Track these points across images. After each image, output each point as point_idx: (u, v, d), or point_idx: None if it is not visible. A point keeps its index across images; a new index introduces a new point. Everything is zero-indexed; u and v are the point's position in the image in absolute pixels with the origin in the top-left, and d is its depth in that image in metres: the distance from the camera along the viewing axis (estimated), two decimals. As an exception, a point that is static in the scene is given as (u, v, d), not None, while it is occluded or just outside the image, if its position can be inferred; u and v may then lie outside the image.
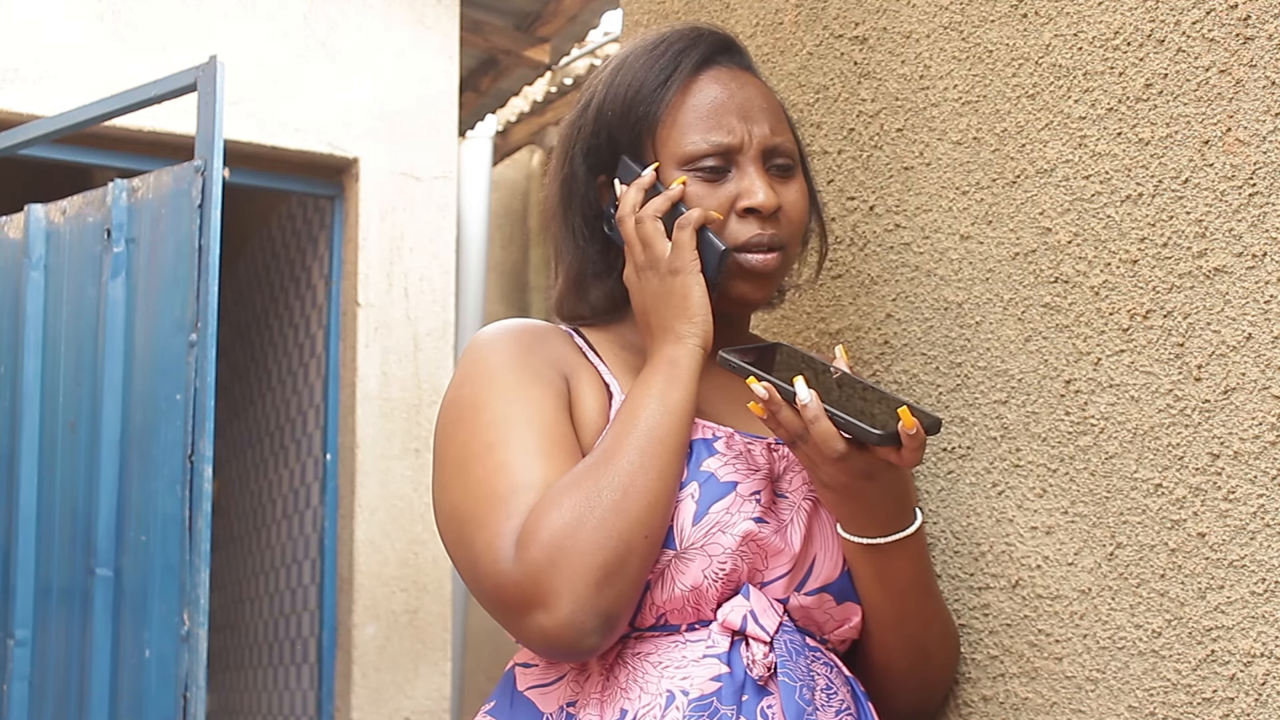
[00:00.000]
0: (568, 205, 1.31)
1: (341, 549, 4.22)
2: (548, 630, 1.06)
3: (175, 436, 2.64)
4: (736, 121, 1.24)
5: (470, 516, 1.12)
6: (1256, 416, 1.06)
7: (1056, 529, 1.22)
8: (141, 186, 2.84)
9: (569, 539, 1.06)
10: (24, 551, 2.87)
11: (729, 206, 1.23)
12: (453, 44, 4.45)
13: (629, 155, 1.27)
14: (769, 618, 1.15)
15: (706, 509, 1.15)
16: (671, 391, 1.16)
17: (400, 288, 4.27)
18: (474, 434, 1.16)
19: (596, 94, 1.30)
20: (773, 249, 1.24)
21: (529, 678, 1.20)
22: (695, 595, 1.14)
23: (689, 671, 1.12)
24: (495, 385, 1.18)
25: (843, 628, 1.22)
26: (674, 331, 1.20)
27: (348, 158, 4.23)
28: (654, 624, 1.15)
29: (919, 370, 1.37)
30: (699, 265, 1.20)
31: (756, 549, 1.16)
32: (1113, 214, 1.19)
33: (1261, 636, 1.05)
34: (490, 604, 1.11)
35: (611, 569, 1.07)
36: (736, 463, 1.19)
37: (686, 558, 1.14)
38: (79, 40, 3.81)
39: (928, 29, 1.38)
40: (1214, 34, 1.11)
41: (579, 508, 1.08)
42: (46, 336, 2.95)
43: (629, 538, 1.08)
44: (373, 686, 4.08)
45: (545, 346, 1.24)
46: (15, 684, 2.84)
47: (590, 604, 1.06)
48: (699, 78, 1.26)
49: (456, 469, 1.16)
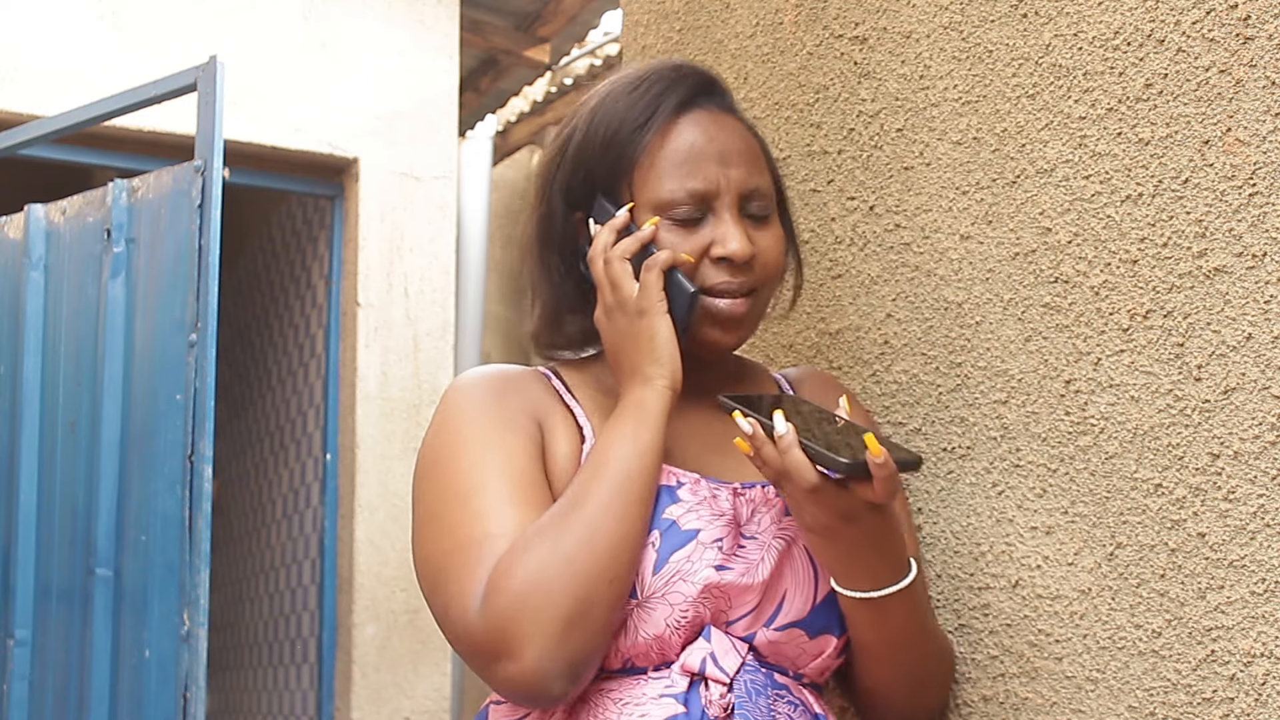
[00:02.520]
0: (545, 240, 1.31)
1: (341, 549, 4.22)
2: (515, 679, 1.07)
3: (175, 436, 2.64)
4: (714, 168, 1.23)
5: (442, 566, 1.14)
6: (1256, 416, 1.06)
7: (1056, 529, 1.22)
8: (141, 186, 2.83)
9: (533, 588, 1.07)
10: (24, 551, 2.87)
11: (702, 252, 1.23)
12: (453, 44, 4.45)
13: (605, 195, 1.26)
14: (730, 659, 1.15)
15: (667, 558, 1.15)
16: (640, 434, 1.16)
17: (400, 288, 4.27)
18: (448, 483, 1.17)
19: (576, 130, 1.29)
20: (743, 294, 1.23)
21: (500, 712, 1.21)
22: (659, 642, 1.15)
23: (647, 709, 1.12)
24: (468, 434, 1.19)
25: (818, 660, 1.21)
26: (642, 373, 1.20)
27: (348, 158, 4.23)
28: (620, 668, 1.16)
29: (919, 370, 1.37)
30: (665, 306, 1.20)
31: (719, 594, 1.16)
32: (1113, 214, 1.19)
33: (1261, 636, 1.05)
34: (462, 652, 1.13)
35: (575, 617, 1.07)
36: (700, 509, 1.18)
37: (649, 606, 1.14)
38: (79, 40, 3.81)
39: (928, 29, 1.38)
40: (1214, 34, 1.11)
41: (543, 556, 1.08)
42: (46, 336, 2.95)
43: (593, 584, 1.08)
44: (373, 686, 4.08)
45: (519, 393, 1.24)
46: (15, 684, 2.84)
47: (556, 652, 1.07)
48: (678, 121, 1.25)
49: (431, 518, 1.18)
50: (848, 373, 1.46)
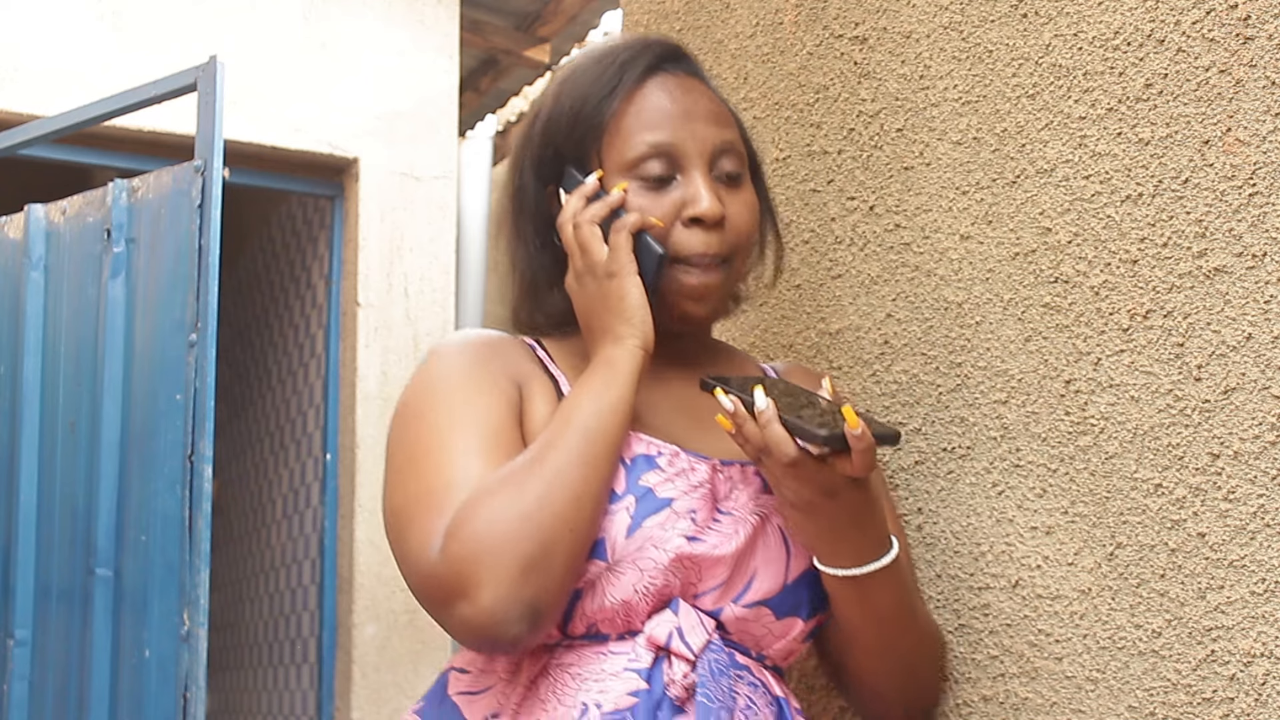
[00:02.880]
0: (519, 214, 1.32)
1: (341, 549, 4.22)
2: (469, 620, 1.07)
3: (175, 436, 2.64)
4: (681, 125, 1.23)
5: (406, 513, 1.14)
6: (1256, 416, 1.06)
7: (1056, 529, 1.22)
8: (141, 186, 2.84)
9: (493, 531, 1.07)
10: (24, 551, 2.87)
11: (674, 215, 1.22)
12: (453, 44, 4.45)
13: (574, 165, 1.26)
14: (696, 635, 1.14)
15: (640, 523, 1.14)
16: (608, 391, 1.16)
17: (400, 288, 4.27)
18: (419, 437, 1.17)
19: (545, 106, 1.30)
20: (715, 266, 1.23)
21: (461, 683, 1.20)
22: (625, 608, 1.14)
23: (606, 685, 1.12)
24: (444, 392, 1.19)
25: (783, 641, 1.21)
26: (613, 333, 1.20)
27: (348, 158, 4.23)
28: (585, 633, 1.15)
29: (919, 370, 1.37)
30: (635, 268, 1.20)
31: (690, 565, 1.16)
32: (1113, 214, 1.19)
33: (1261, 636, 1.05)
34: (420, 597, 1.12)
35: (534, 560, 1.07)
36: (677, 479, 1.18)
37: (618, 570, 1.14)
38: (79, 40, 3.81)
39: (928, 29, 1.38)
40: (1214, 34, 1.11)
41: (504, 501, 1.08)
42: (46, 336, 2.95)
43: (552, 530, 1.08)
44: (373, 686, 4.08)
45: (500, 356, 1.24)
46: (15, 684, 2.84)
47: (512, 594, 1.06)
48: (644, 85, 1.25)
49: (399, 470, 1.17)
50: (848, 373, 1.46)
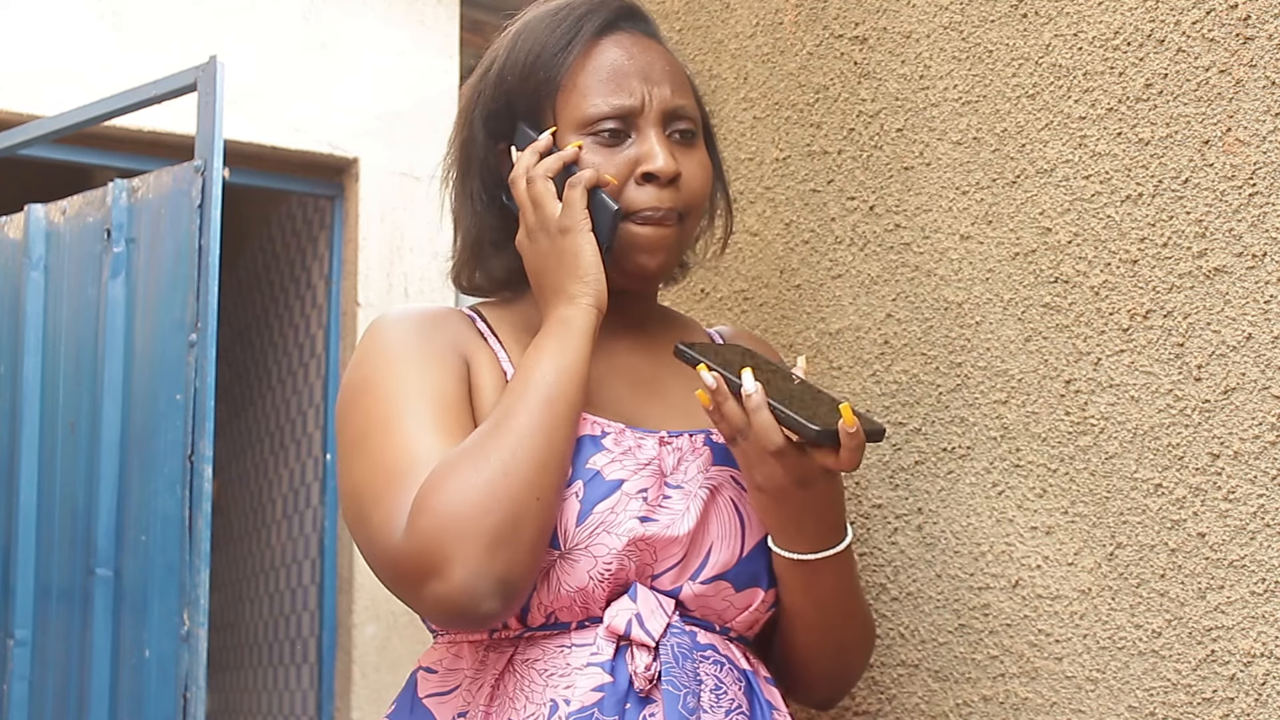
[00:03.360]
0: (466, 170, 1.30)
1: (341, 549, 4.22)
2: (442, 598, 1.05)
3: (175, 436, 2.64)
4: (637, 84, 1.22)
5: (365, 493, 1.12)
6: (1256, 416, 1.06)
7: (1056, 529, 1.22)
8: (141, 186, 2.83)
9: (459, 506, 1.05)
10: (24, 551, 2.87)
11: (628, 172, 1.21)
12: (453, 44, 4.45)
13: (527, 121, 1.24)
14: (656, 620, 1.13)
15: (591, 508, 1.13)
16: (564, 352, 1.14)
17: (400, 288, 4.27)
18: (370, 412, 1.16)
19: (498, 58, 1.27)
20: (668, 221, 1.22)
21: (429, 684, 1.19)
22: (582, 595, 1.13)
23: (573, 680, 1.11)
24: (391, 364, 1.18)
25: (745, 613, 1.20)
26: (566, 292, 1.18)
27: (348, 158, 4.23)
28: (544, 622, 1.14)
29: (919, 370, 1.37)
30: (589, 224, 1.18)
31: (644, 547, 1.14)
32: (1113, 214, 1.19)
33: (1261, 636, 1.05)
34: (387, 579, 1.11)
35: (503, 533, 1.05)
36: (624, 459, 1.17)
37: (571, 558, 1.12)
38: (79, 40, 3.81)
39: (928, 29, 1.38)
40: (1214, 34, 1.11)
41: (468, 474, 1.07)
42: (46, 336, 2.95)
43: (520, 500, 1.07)
44: (373, 686, 4.08)
45: (444, 329, 1.22)
46: (15, 684, 2.84)
47: (484, 568, 1.05)
48: (600, 41, 1.24)
49: (353, 448, 1.15)
50: (848, 373, 1.46)
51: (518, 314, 1.28)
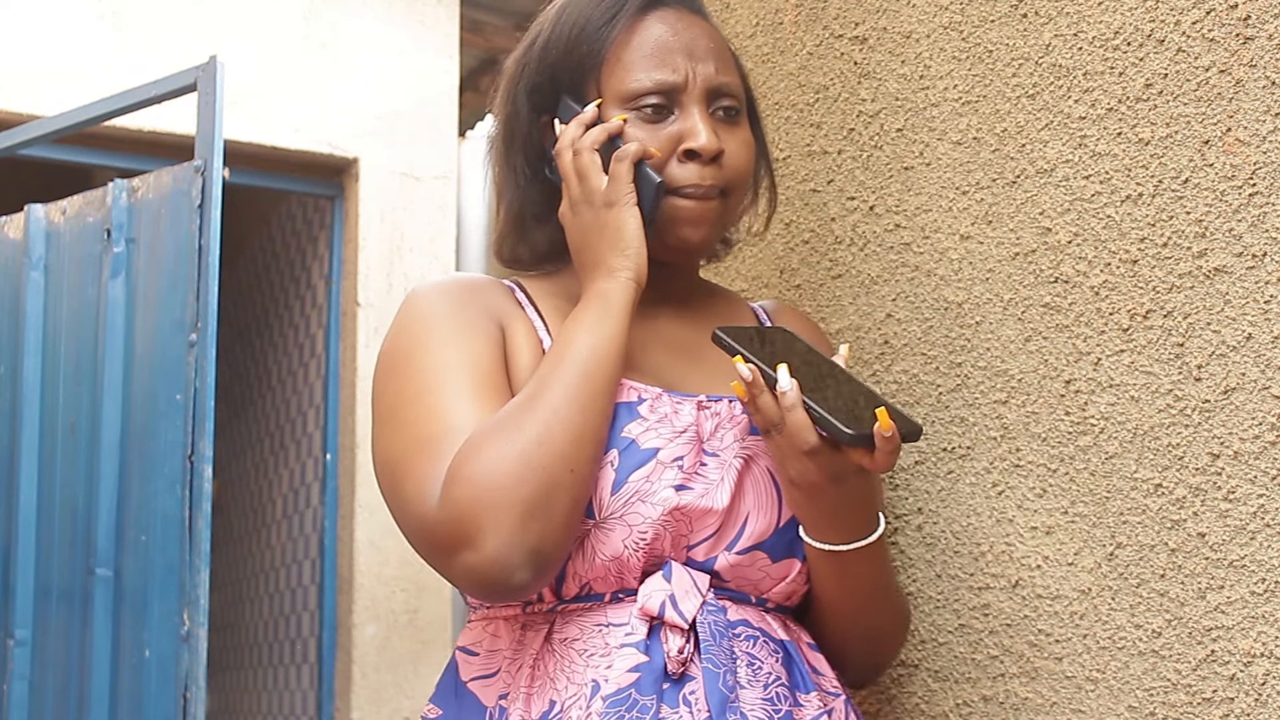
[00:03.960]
0: (509, 144, 1.30)
1: (341, 549, 4.22)
2: (474, 568, 1.05)
3: (175, 436, 2.64)
4: (681, 59, 1.22)
5: (400, 462, 1.12)
6: (1256, 416, 1.06)
7: (1056, 529, 1.22)
8: (141, 186, 2.84)
9: (493, 476, 1.05)
10: (24, 551, 2.87)
11: (670, 148, 1.21)
12: (453, 44, 4.44)
13: (571, 95, 1.25)
14: (690, 600, 1.12)
15: (626, 477, 1.12)
16: (602, 326, 1.14)
17: (400, 288, 4.27)
18: (406, 381, 1.16)
19: (541, 32, 1.28)
20: (711, 196, 1.22)
21: (472, 667, 1.18)
22: (617, 565, 1.12)
23: (611, 660, 1.10)
24: (428, 334, 1.18)
25: (782, 584, 1.19)
26: (606, 265, 1.18)
27: (348, 158, 4.23)
28: (578, 594, 1.14)
29: (919, 370, 1.37)
30: (635, 198, 1.18)
31: (680, 517, 1.14)
32: (1113, 214, 1.19)
33: (1261, 636, 1.05)
34: (420, 547, 1.11)
35: (537, 504, 1.05)
36: (660, 427, 1.16)
37: (606, 527, 1.12)
38: (79, 40, 3.81)
39: (928, 29, 1.38)
40: (1214, 34, 1.11)
41: (503, 445, 1.06)
42: (46, 336, 2.95)
43: (553, 472, 1.06)
44: (373, 686, 4.08)
45: (481, 297, 1.22)
46: (15, 684, 2.84)
47: (516, 539, 1.04)
48: (645, 17, 1.24)
49: (389, 418, 1.16)
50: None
51: (559, 285, 1.28)
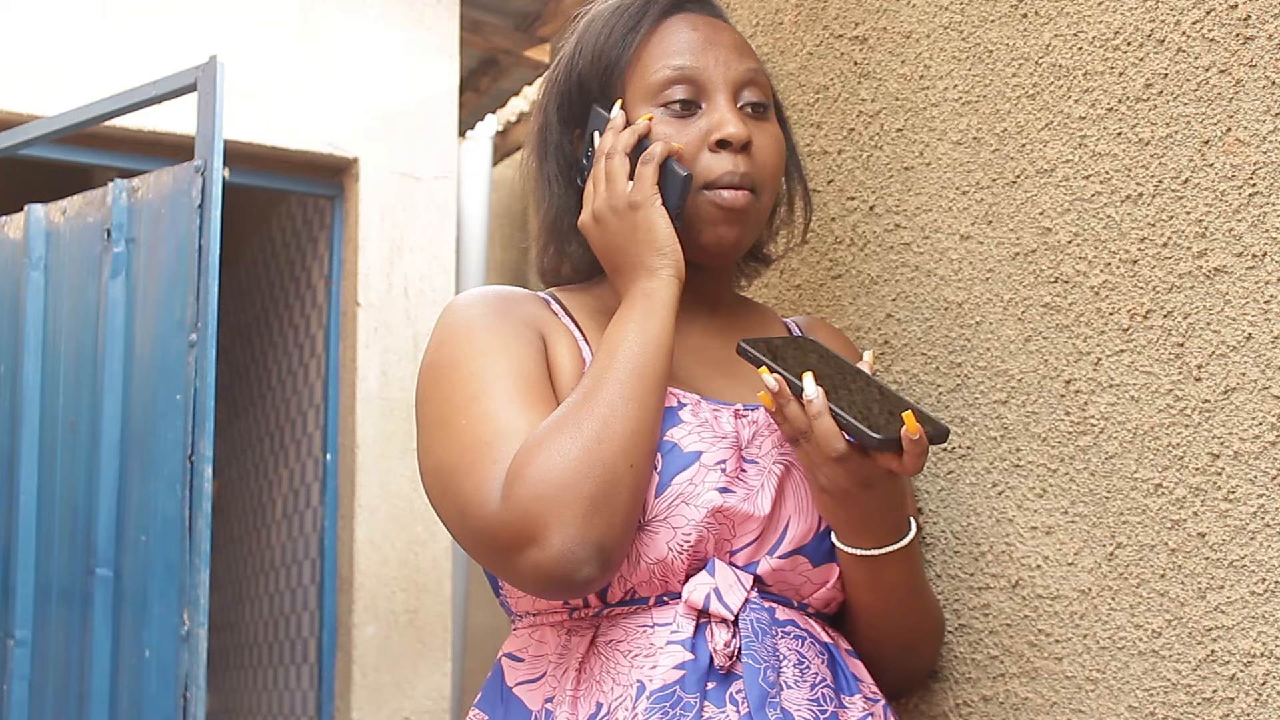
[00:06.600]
0: (543, 158, 1.31)
1: (341, 549, 4.22)
2: (541, 565, 1.05)
3: (175, 436, 2.64)
4: (704, 51, 1.23)
5: (456, 467, 1.12)
6: (1256, 416, 1.06)
7: (1056, 529, 1.22)
8: (141, 186, 2.84)
9: (554, 474, 1.06)
10: (24, 551, 2.87)
11: (700, 142, 1.22)
12: (453, 44, 4.45)
13: (600, 103, 1.26)
14: (734, 594, 1.13)
15: (669, 480, 1.13)
16: (649, 323, 1.15)
17: (400, 288, 4.27)
18: (454, 389, 1.16)
19: (568, 47, 1.30)
20: (744, 187, 1.22)
21: (518, 672, 1.19)
22: (662, 568, 1.13)
23: (656, 660, 1.11)
24: (473, 343, 1.18)
25: (822, 589, 1.19)
26: (645, 265, 1.18)
27: (348, 158, 4.23)
28: (623, 598, 1.14)
29: (919, 370, 1.37)
30: (660, 198, 1.19)
31: (723, 520, 1.14)
32: (1113, 214, 1.19)
33: (1261, 636, 1.05)
34: (481, 549, 1.10)
35: (599, 499, 1.06)
36: (701, 431, 1.17)
37: (650, 530, 1.12)
38: (79, 40, 3.81)
39: (928, 29, 1.38)
40: (1214, 34, 1.11)
41: (562, 443, 1.07)
42: (46, 336, 2.95)
43: (614, 467, 1.07)
44: (373, 686, 4.08)
45: (521, 308, 1.23)
46: (15, 684, 2.84)
47: (581, 535, 1.05)
48: (667, 20, 1.26)
49: (439, 426, 1.16)
50: (848, 373, 1.46)
51: (593, 298, 1.29)
